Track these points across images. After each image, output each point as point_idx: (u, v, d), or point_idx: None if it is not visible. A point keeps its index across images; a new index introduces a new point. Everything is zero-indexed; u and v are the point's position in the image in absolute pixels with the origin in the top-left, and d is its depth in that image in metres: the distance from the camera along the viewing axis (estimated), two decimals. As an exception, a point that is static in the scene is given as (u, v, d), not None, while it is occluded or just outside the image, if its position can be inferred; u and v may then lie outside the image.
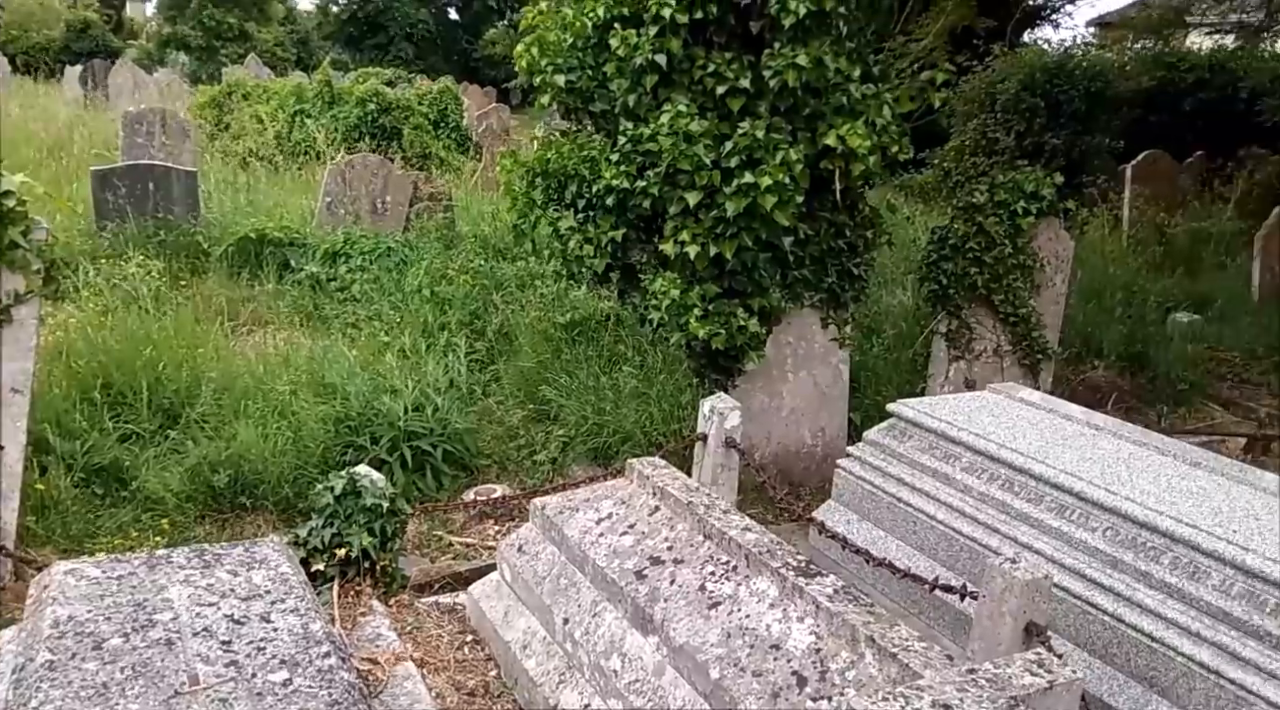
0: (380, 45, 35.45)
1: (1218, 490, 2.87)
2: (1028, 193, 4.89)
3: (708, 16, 3.90)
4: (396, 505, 3.44)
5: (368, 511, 3.34)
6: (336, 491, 3.34)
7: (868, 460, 3.79)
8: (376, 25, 35.44)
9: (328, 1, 37.32)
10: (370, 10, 35.25)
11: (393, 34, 35.23)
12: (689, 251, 3.91)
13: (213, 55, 27.12)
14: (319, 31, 36.73)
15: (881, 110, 4.10)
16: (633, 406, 5.01)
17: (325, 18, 37.12)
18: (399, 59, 33.57)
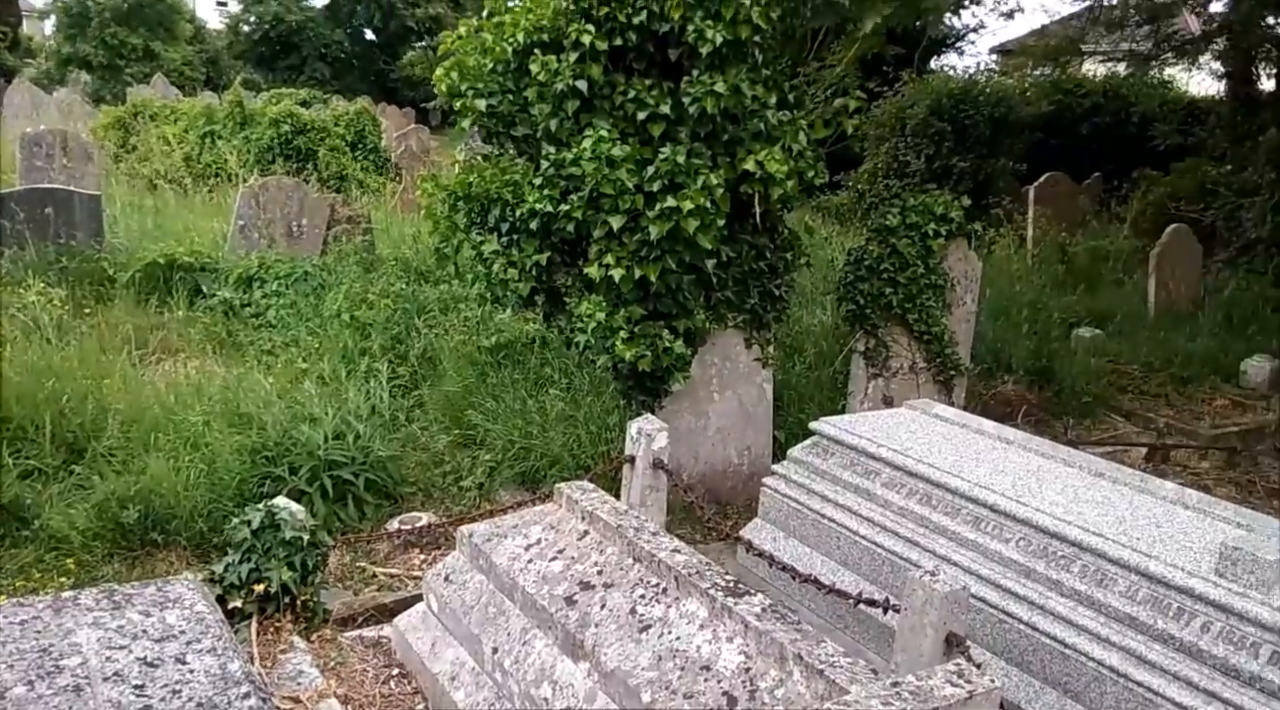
0: (294, 65, 34.78)
1: (1121, 499, 3.01)
2: (937, 215, 5.08)
3: (627, 44, 3.95)
4: (317, 537, 3.35)
5: (287, 545, 3.24)
6: (254, 525, 3.24)
7: (792, 478, 3.86)
8: (290, 45, 34.78)
9: (238, 21, 36.49)
10: (283, 30, 34.58)
11: (306, 54, 34.63)
12: (614, 274, 3.94)
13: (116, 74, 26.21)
14: (229, 51, 35.84)
15: (797, 136, 4.22)
16: (560, 429, 5.00)
17: (236, 37, 36.26)
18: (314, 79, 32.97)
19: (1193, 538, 2.74)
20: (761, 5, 3.80)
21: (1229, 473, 5.73)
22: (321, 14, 36.32)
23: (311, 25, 35.08)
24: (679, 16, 3.78)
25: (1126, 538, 2.80)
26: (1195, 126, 14.96)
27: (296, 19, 34.82)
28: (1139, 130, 15.47)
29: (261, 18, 34.82)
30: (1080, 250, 10.85)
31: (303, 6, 36.37)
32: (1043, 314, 7.97)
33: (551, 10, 3.92)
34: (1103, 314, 8.66)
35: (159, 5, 28.17)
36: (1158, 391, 7.20)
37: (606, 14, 3.89)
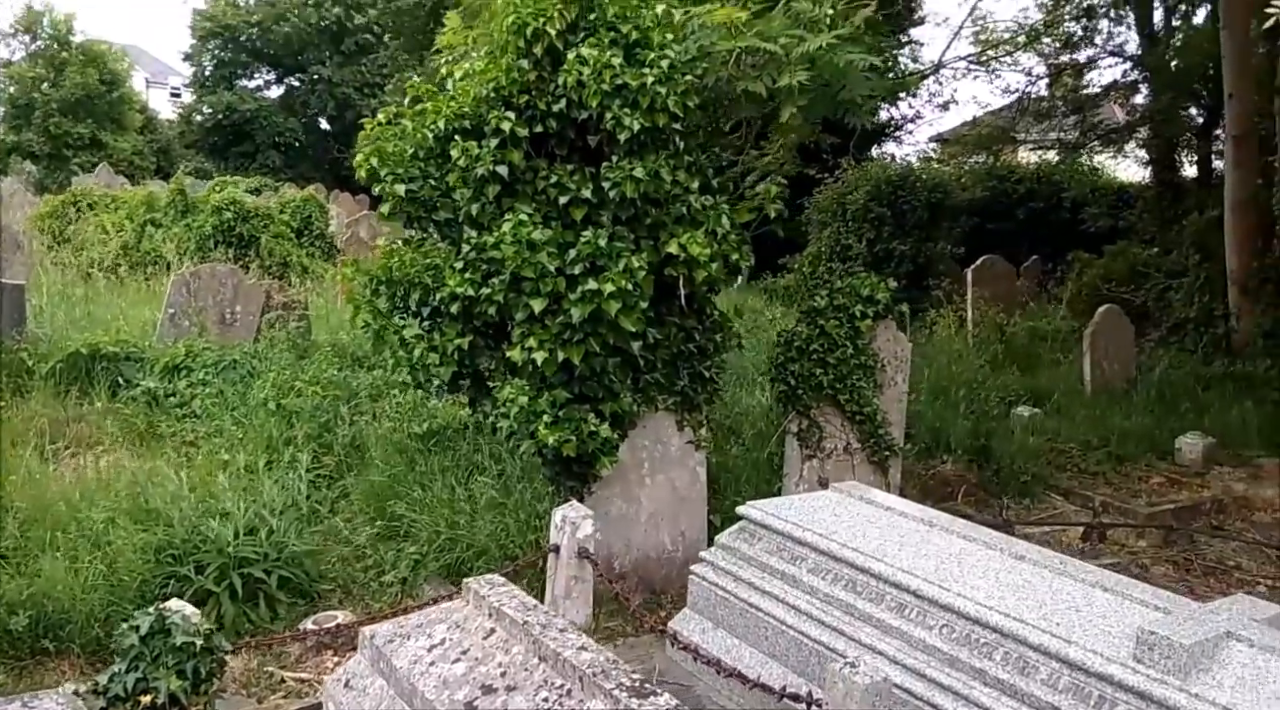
0: (247, 154, 34.97)
1: (1042, 582, 2.95)
2: (864, 296, 5.12)
3: (548, 130, 3.98)
4: (213, 642, 3.15)
5: (178, 651, 3.03)
6: (142, 630, 3.04)
7: (719, 565, 3.75)
8: (243, 134, 35.02)
9: (191, 110, 36.76)
10: (236, 119, 34.87)
11: (260, 143, 34.87)
12: (536, 357, 3.87)
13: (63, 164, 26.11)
14: (181, 140, 35.97)
15: (720, 220, 4.25)
16: (489, 518, 4.84)
17: (188, 126, 36.48)
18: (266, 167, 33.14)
19: (1111, 622, 2.68)
20: (678, 94, 3.87)
21: (1165, 551, 5.73)
22: (275, 104, 36.76)
23: (265, 114, 35.44)
24: (597, 104, 3.82)
25: (1047, 623, 2.73)
26: (1125, 211, 15.56)
27: (250, 108, 35.18)
28: (1072, 214, 16.05)
29: (215, 107, 35.13)
30: (1018, 330, 11.05)
31: (257, 96, 36.81)
32: (980, 393, 8.04)
33: (472, 98, 3.95)
34: (1041, 392, 8.76)
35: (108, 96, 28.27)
36: (1095, 469, 7.24)
37: (527, 102, 3.93)
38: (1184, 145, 15.51)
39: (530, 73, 3.91)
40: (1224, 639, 2.48)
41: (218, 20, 36.54)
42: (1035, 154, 20.13)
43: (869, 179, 13.61)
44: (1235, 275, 9.80)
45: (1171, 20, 15.71)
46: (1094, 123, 17.27)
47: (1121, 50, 16.28)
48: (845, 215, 13.88)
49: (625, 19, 3.92)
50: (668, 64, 3.86)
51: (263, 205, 13.57)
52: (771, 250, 16.99)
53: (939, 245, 13.49)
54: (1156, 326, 10.87)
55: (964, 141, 19.17)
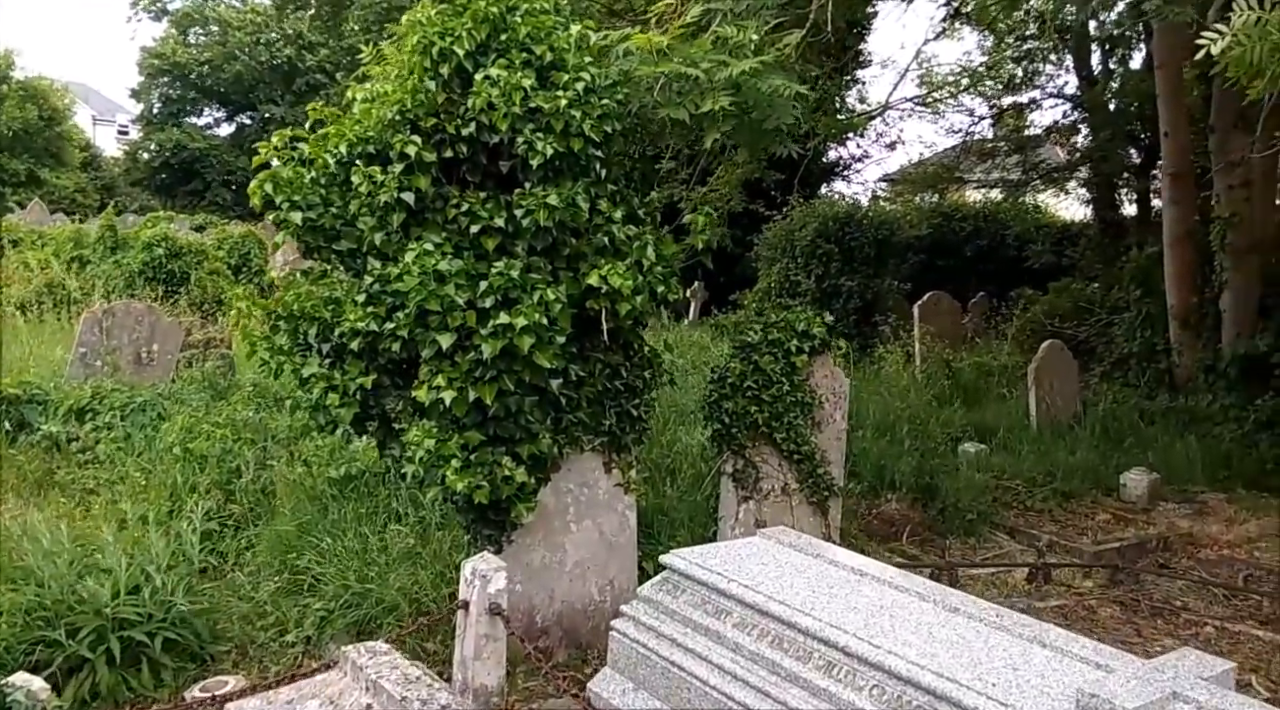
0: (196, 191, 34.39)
1: (977, 638, 2.74)
2: (799, 331, 4.94)
3: (458, 155, 3.76)
4: (61, 720, 2.79)
5: (17, 732, 2.68)
6: (-24, 709, 2.68)
7: (641, 620, 3.48)
8: (192, 172, 34.47)
9: (137, 148, 36.10)
10: (185, 157, 34.32)
11: (209, 180, 34.31)
12: (445, 397, 3.60)
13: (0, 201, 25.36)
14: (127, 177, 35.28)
15: (646, 251, 4.04)
16: (403, 569, 4.53)
17: (135, 163, 35.80)
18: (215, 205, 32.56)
19: (1050, 682, 2.47)
20: (594, 119, 3.67)
21: (1112, 591, 5.57)
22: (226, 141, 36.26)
23: (215, 152, 34.93)
24: (507, 128, 3.61)
25: (982, 684, 2.50)
26: (1068, 248, 15.77)
27: (200, 147, 34.67)
28: (1017, 252, 16.23)
29: (162, 145, 34.55)
30: (965, 366, 11.00)
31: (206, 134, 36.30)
32: (926, 429, 7.90)
33: (376, 121, 3.72)
34: (987, 428, 8.65)
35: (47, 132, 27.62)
36: (1041, 507, 7.11)
37: (435, 125, 3.71)
38: (1123, 183, 15.83)
39: (438, 95, 3.69)
40: (1170, 700, 2.27)
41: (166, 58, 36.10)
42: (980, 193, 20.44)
43: (817, 216, 13.61)
44: (1175, 310, 9.86)
45: (1108, 62, 16.10)
46: (1036, 162, 17.59)
47: (1061, 92, 16.65)
48: (794, 251, 13.86)
49: (539, 40, 3.73)
50: (583, 87, 3.67)
51: (196, 242, 13.16)
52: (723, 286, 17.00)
53: (886, 281, 13.49)
54: (1100, 362, 10.89)
55: (910, 180, 19.42)
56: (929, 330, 11.76)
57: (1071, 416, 9.00)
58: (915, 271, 15.71)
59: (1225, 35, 3.47)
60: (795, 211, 14.01)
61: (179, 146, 34.19)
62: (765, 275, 14.70)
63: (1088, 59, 15.83)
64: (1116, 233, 14.87)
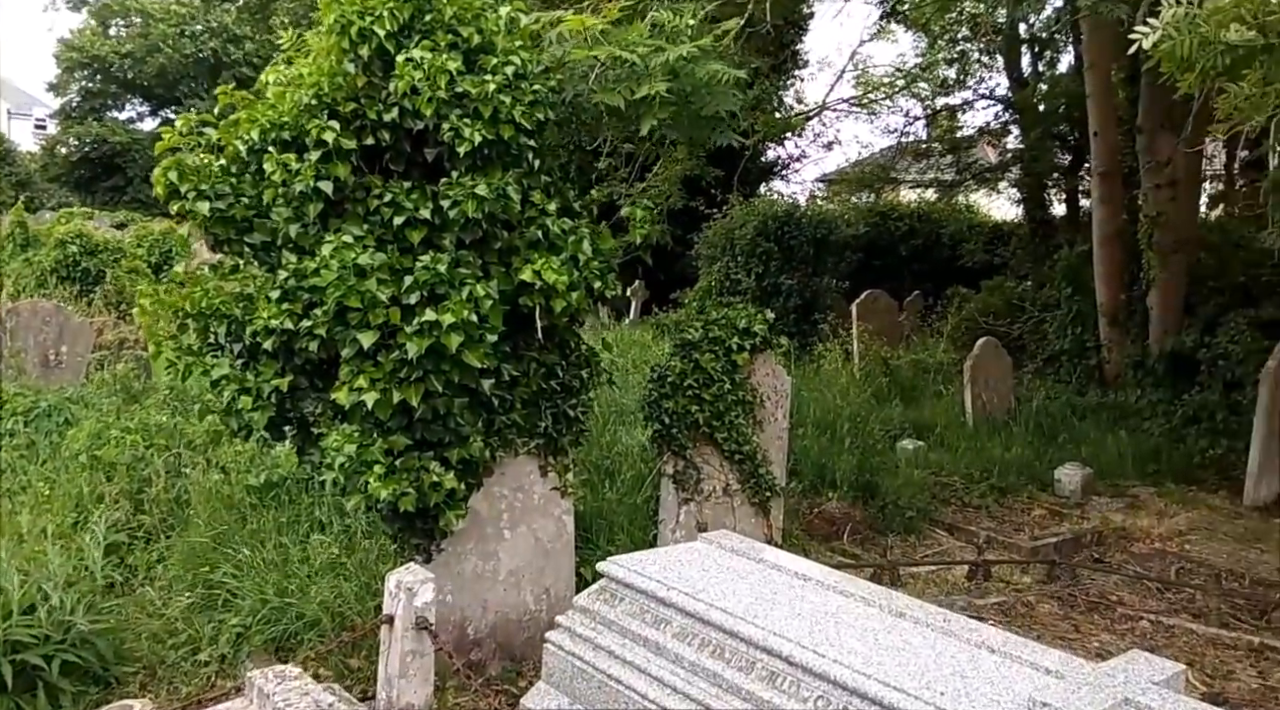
0: (117, 187, 33.07)
1: (924, 644, 2.64)
2: (740, 328, 4.84)
3: (380, 143, 3.55)
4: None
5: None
6: None
7: (576, 631, 3.31)
8: (113, 167, 33.12)
9: (55, 143, 34.61)
10: (106, 152, 32.97)
11: (132, 175, 32.99)
12: (366, 399, 3.39)
13: (-96, 200, 24.04)
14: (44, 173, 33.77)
15: (582, 245, 3.88)
16: (326, 582, 4.29)
17: (52, 158, 34.29)
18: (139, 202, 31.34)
19: (1000, 690, 2.38)
20: (525, 105, 3.49)
21: (1050, 587, 5.59)
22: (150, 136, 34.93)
23: (138, 147, 33.63)
24: (432, 113, 3.41)
25: (930, 692, 2.40)
26: (1000, 247, 16.05)
27: (121, 141, 33.35)
28: (951, 251, 16.48)
29: (82, 139, 33.17)
30: (903, 363, 11.07)
31: (129, 129, 34.95)
32: (865, 427, 7.89)
33: (291, 105, 3.49)
34: (925, 425, 8.69)
35: (-46, 123, 26.26)
36: (979, 503, 7.14)
37: (354, 110, 3.49)
38: (1053, 184, 16.18)
39: (358, 78, 3.47)
40: (1122, 706, 2.20)
41: (85, 51, 34.69)
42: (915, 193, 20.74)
43: (757, 214, 13.60)
44: (1105, 308, 10.05)
45: (1038, 65, 16.43)
46: (969, 163, 17.89)
47: (993, 93, 16.94)
48: (734, 250, 13.83)
49: (466, 22, 3.54)
50: (513, 71, 3.49)
51: (114, 239, 12.58)
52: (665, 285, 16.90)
53: (825, 280, 13.54)
54: (1033, 359, 11.07)
55: (847, 180, 19.60)
56: (866, 328, 11.81)
57: (1006, 413, 9.10)
58: (853, 270, 15.82)
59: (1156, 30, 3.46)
60: (735, 210, 13.99)
61: (99, 141, 32.87)
62: (706, 274, 14.65)
63: (1018, 61, 16.13)
64: (1046, 232, 15.17)
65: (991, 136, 17.63)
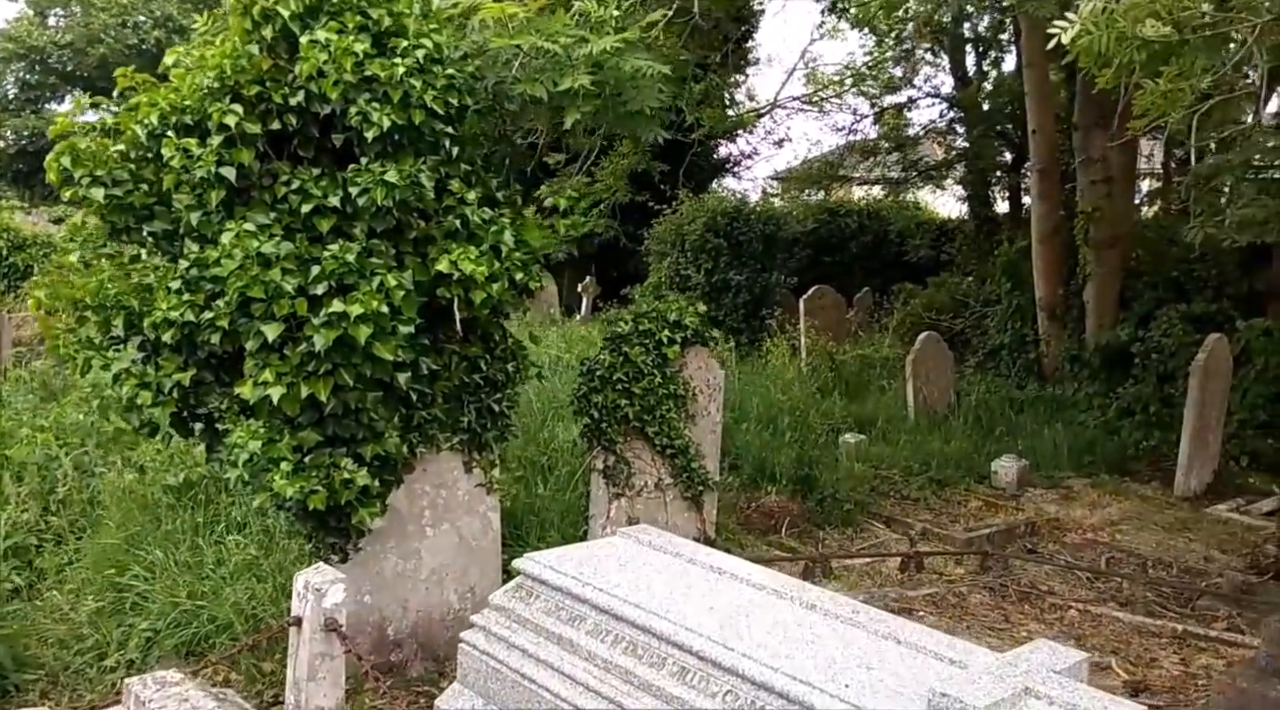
0: (59, 182, 32.07)
1: (833, 636, 2.61)
2: (671, 321, 4.79)
3: (287, 127, 3.43)
4: None
5: None
6: None
7: (492, 630, 3.23)
8: (52, 161, 32.09)
9: (-9, 134, 33.48)
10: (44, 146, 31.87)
11: (75, 170, 32.04)
12: (272, 394, 3.27)
13: None
14: (-22, 167, 32.62)
15: (503, 235, 3.79)
16: (241, 583, 4.16)
17: (-12, 151, 33.15)
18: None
19: (905, 680, 2.35)
20: (436, 90, 3.40)
21: (982, 577, 5.63)
22: (89, 129, 33.96)
23: (81, 139, 32.62)
24: (338, 96, 3.30)
25: (835, 685, 2.37)
26: (946, 244, 16.23)
27: (60, 133, 32.30)
28: (900, 248, 16.64)
29: (19, 132, 32.13)
30: (848, 358, 11.12)
31: (68, 121, 33.94)
32: (807, 421, 7.90)
33: (191, 88, 3.35)
34: (868, 419, 8.73)
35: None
36: (917, 495, 7.17)
37: (259, 94, 3.37)
38: (996, 181, 16.41)
39: (262, 60, 3.35)
40: (1022, 696, 2.18)
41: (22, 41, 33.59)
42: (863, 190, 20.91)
43: (706, 210, 13.58)
44: (1043, 303, 10.20)
45: (982, 64, 16.66)
46: (915, 160, 18.09)
47: (938, 91, 17.14)
48: (683, 246, 13.80)
49: (376, 4, 3.44)
50: (424, 55, 3.39)
51: (44, 233, 12.18)
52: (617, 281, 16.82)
53: (774, 276, 13.56)
54: (974, 353, 11.20)
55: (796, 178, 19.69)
56: (813, 324, 11.86)
57: (947, 406, 9.18)
58: (803, 267, 15.90)
59: (1074, 25, 3.47)
60: (685, 206, 13.96)
61: (37, 134, 31.86)
62: (656, 270, 14.61)
63: (963, 60, 16.34)
64: (990, 229, 15.38)
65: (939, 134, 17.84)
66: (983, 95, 15.89)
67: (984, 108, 15.67)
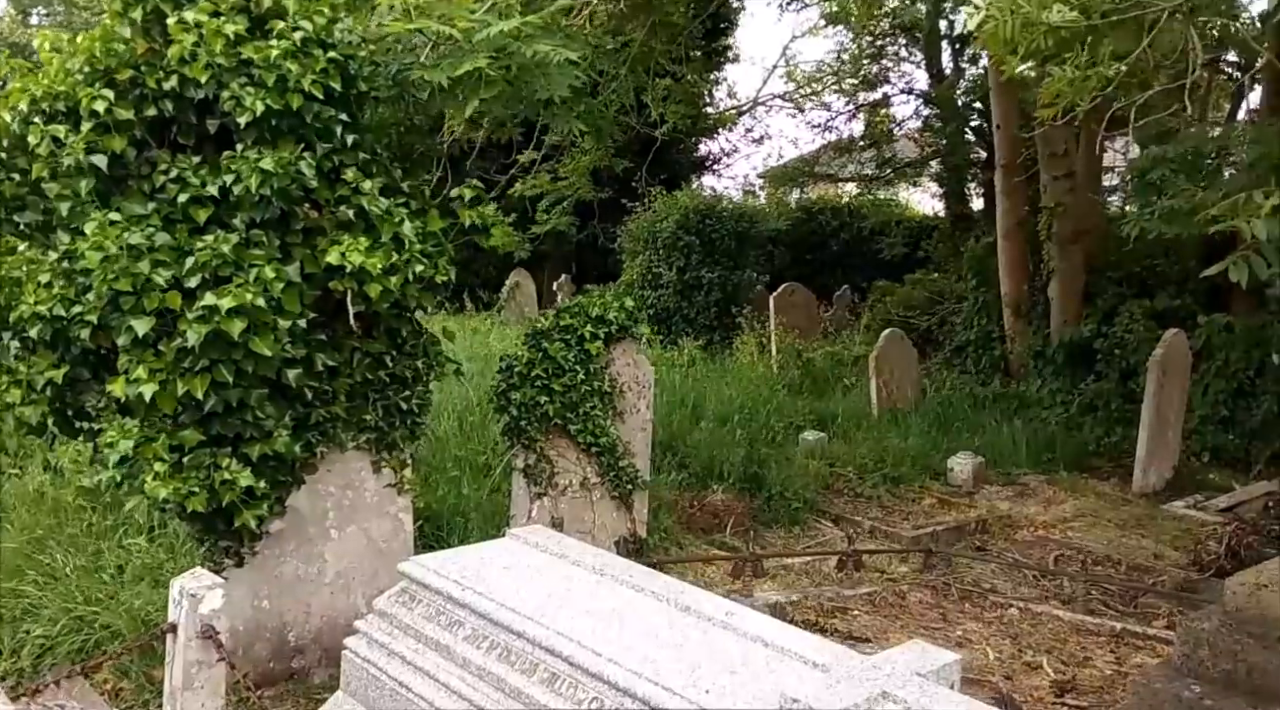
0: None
1: (702, 639, 2.49)
2: (594, 316, 4.66)
3: (164, 114, 3.30)
4: None
5: None
6: None
7: (374, 636, 3.10)
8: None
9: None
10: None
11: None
12: (145, 391, 3.14)
13: None
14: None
15: (403, 226, 3.66)
16: (142, 588, 4.03)
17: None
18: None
19: (765, 685, 2.23)
20: (316, 73, 3.26)
21: (925, 575, 5.51)
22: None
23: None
24: (209, 80, 3.17)
25: (695, 690, 2.25)
26: (926, 241, 16.15)
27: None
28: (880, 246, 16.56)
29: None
30: (817, 356, 11.02)
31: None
32: (764, 419, 7.79)
33: (59, 71, 3.22)
34: (832, 417, 8.61)
35: None
36: (871, 493, 7.06)
37: (133, 78, 3.23)
38: (972, 178, 16.33)
39: (136, 43, 3.22)
40: (879, 700, 2.06)
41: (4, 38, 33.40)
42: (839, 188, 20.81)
43: (678, 207, 13.48)
44: (1009, 299, 10.10)
45: (958, 61, 16.56)
46: (890, 157, 18.01)
47: (913, 88, 17.05)
48: (656, 243, 13.69)
49: (255, -16, 3.31)
50: (302, 37, 3.26)
51: None
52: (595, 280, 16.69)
53: (746, 273, 13.45)
54: (941, 350, 11.10)
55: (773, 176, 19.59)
56: (783, 321, 11.75)
57: (911, 403, 9.07)
58: (784, 266, 15.81)
59: (980, 10, 3.36)
60: (658, 203, 13.85)
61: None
62: (629, 267, 14.52)
63: (938, 57, 16.26)
64: (966, 225, 15.30)
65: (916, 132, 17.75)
66: (958, 92, 15.81)
67: (958, 104, 15.59)
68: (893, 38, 16.97)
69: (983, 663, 4.40)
